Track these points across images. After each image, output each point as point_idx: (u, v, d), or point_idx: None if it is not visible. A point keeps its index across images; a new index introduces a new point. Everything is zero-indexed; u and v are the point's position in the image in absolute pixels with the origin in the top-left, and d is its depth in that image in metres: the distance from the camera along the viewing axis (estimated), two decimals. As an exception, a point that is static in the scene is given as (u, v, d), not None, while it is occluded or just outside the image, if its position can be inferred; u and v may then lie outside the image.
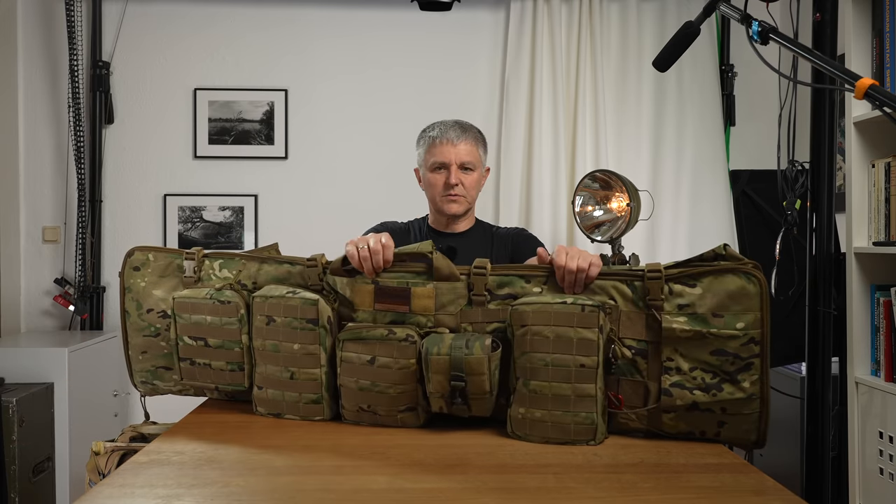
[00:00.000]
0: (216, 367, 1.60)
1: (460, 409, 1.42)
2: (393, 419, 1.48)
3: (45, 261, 3.28)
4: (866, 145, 2.04)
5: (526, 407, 1.38)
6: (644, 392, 1.40)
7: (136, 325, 1.71)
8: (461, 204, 2.03)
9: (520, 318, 1.39)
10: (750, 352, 1.33)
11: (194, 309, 1.59)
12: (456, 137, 2.01)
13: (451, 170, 2.00)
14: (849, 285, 2.03)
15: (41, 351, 2.73)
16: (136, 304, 1.70)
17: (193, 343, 1.61)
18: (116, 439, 1.63)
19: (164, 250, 1.72)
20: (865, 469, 2.00)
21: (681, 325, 1.35)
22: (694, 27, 1.43)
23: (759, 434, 1.36)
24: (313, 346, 1.50)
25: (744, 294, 1.33)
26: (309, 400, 1.52)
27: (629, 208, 2.51)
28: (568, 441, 1.36)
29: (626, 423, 1.41)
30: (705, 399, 1.35)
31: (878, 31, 2.01)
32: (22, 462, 2.48)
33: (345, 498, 1.10)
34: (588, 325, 1.34)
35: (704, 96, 3.30)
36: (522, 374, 1.39)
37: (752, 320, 1.33)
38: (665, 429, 1.39)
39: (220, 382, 1.61)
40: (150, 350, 1.71)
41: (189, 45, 3.33)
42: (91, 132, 3.25)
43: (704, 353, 1.35)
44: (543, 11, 3.25)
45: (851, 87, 1.07)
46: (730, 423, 1.36)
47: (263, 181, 3.34)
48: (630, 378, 1.40)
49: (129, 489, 1.11)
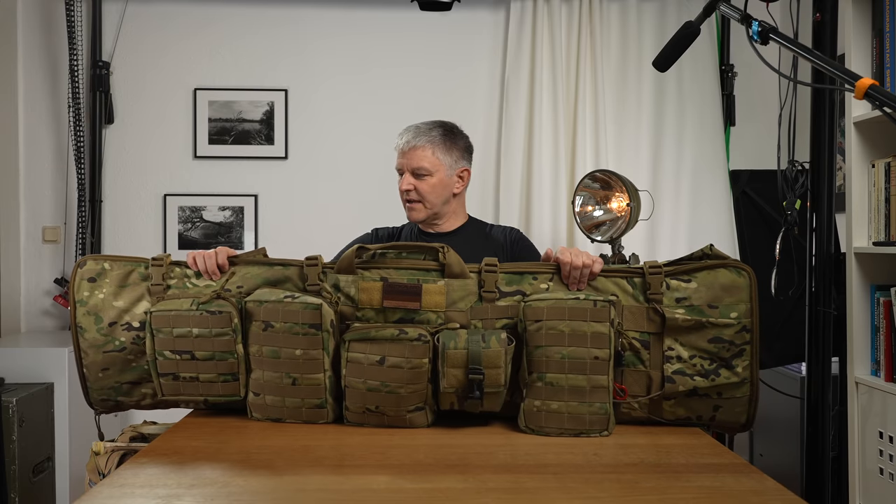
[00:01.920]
0: (205, 379, 1.52)
1: (473, 405, 1.43)
2: (401, 420, 1.47)
3: (45, 261, 3.28)
4: (866, 145, 2.04)
5: (542, 399, 1.43)
6: (647, 381, 1.48)
7: (95, 342, 1.59)
8: (419, 210, 2.02)
9: (534, 314, 1.45)
10: (743, 339, 1.46)
11: (176, 322, 1.50)
12: (407, 144, 2.00)
13: (403, 176, 2.01)
14: (849, 285, 2.03)
15: (41, 351, 2.73)
16: (95, 317, 1.59)
17: (177, 357, 1.52)
18: (116, 439, 1.63)
19: (121, 258, 1.63)
20: (865, 469, 2.00)
21: (682, 314, 1.47)
22: (694, 27, 1.43)
23: (748, 416, 1.47)
24: (316, 352, 1.48)
25: (735, 286, 1.47)
26: (312, 405, 1.50)
27: (629, 208, 2.51)
28: (583, 431, 1.40)
29: (629, 412, 1.48)
30: (704, 384, 1.46)
31: (878, 31, 2.01)
32: (22, 462, 2.48)
33: (345, 498, 1.10)
34: (601, 318, 1.42)
35: (704, 96, 3.30)
36: (537, 368, 1.44)
37: (744, 310, 1.47)
38: (665, 416, 1.47)
39: (210, 395, 1.54)
40: (112, 367, 1.60)
41: (189, 45, 3.32)
42: (91, 132, 3.25)
43: (703, 341, 1.47)
44: (543, 11, 3.25)
45: (851, 87, 1.07)
46: (724, 407, 1.47)
47: (263, 181, 3.34)
48: (633, 368, 1.48)
49: (129, 489, 1.11)
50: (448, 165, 2.02)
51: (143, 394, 1.62)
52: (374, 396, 1.45)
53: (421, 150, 1.99)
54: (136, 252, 3.27)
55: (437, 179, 2.00)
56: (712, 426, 1.48)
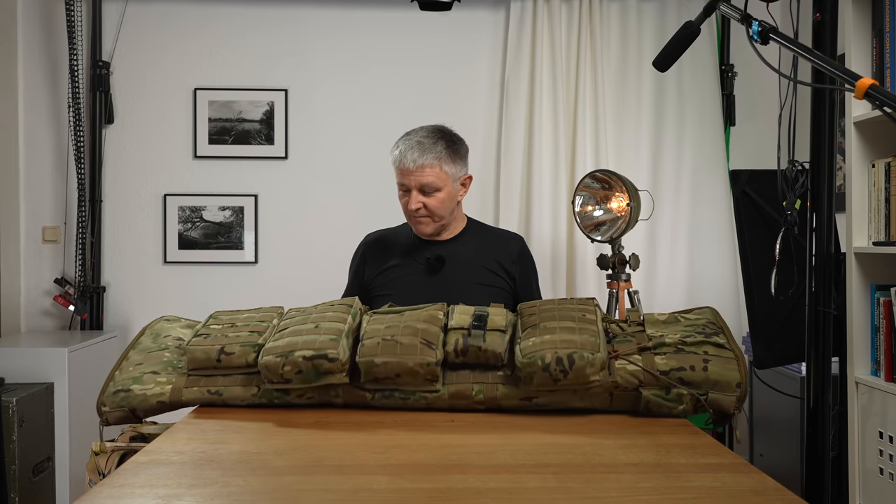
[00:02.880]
0: (233, 338, 1.52)
1: (477, 338, 1.46)
2: (412, 363, 1.43)
3: (45, 261, 3.28)
4: (866, 145, 2.04)
5: (536, 336, 1.46)
6: (636, 344, 1.52)
7: (146, 348, 1.63)
8: (428, 225, 2.01)
9: (529, 308, 1.57)
10: (714, 329, 1.55)
11: (230, 316, 1.63)
12: (413, 162, 1.94)
13: (411, 194, 1.97)
14: (849, 285, 2.03)
15: (41, 351, 2.73)
16: (154, 335, 1.67)
17: (219, 326, 1.57)
18: (116, 439, 1.62)
19: None
20: (865, 469, 2.00)
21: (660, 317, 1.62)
22: (694, 27, 1.43)
23: (741, 375, 1.45)
24: (344, 315, 1.53)
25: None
26: (328, 338, 1.45)
27: (629, 208, 2.51)
28: (574, 351, 1.41)
29: (623, 367, 1.48)
30: (692, 341, 1.51)
31: (878, 31, 2.01)
32: (22, 462, 2.48)
33: (345, 498, 1.10)
34: (587, 305, 1.55)
35: (704, 96, 3.30)
36: (531, 324, 1.51)
37: (711, 316, 1.60)
38: (659, 368, 1.47)
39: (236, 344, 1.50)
40: (146, 362, 1.58)
41: (189, 45, 3.33)
42: (91, 132, 3.25)
43: (681, 328, 1.57)
44: (543, 11, 3.25)
45: (851, 87, 1.07)
46: (713, 362, 1.47)
47: (263, 181, 3.34)
48: (625, 342, 1.53)
49: (129, 489, 1.11)
50: (454, 177, 2.00)
51: (157, 382, 1.53)
52: (388, 341, 1.45)
53: (429, 168, 1.95)
54: (137, 251, 3.29)
55: (446, 193, 1.98)
56: (707, 386, 1.44)
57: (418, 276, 2.01)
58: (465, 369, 1.49)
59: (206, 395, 1.50)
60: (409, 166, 1.94)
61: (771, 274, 2.02)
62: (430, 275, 2.01)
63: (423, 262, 2.02)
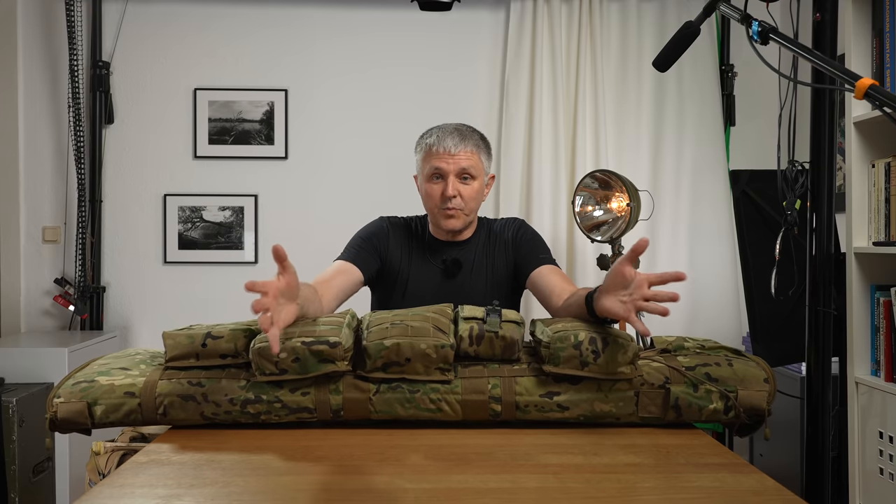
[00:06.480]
0: (222, 326, 1.42)
1: (493, 327, 1.39)
2: (425, 345, 1.35)
3: (45, 261, 3.28)
4: (866, 145, 2.04)
5: (566, 322, 1.45)
6: (657, 349, 1.51)
7: (113, 356, 1.52)
8: (459, 218, 1.88)
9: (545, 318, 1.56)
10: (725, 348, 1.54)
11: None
12: (454, 145, 1.84)
13: (448, 180, 1.85)
14: (849, 285, 2.03)
15: (41, 351, 2.73)
16: (121, 353, 1.55)
17: (203, 324, 1.49)
18: (116, 439, 1.62)
19: None
20: (865, 469, 2.00)
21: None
22: (694, 27, 1.43)
23: (766, 373, 1.43)
24: (341, 317, 1.44)
25: None
26: (327, 328, 1.37)
27: (629, 208, 2.51)
28: (608, 335, 1.39)
29: (647, 363, 1.43)
30: (710, 346, 1.51)
31: (878, 31, 2.01)
32: (22, 462, 2.48)
33: (345, 498, 1.10)
34: None
35: (704, 96, 3.30)
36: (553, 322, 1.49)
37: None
38: (684, 364, 1.44)
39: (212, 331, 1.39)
40: (115, 362, 1.47)
41: (189, 45, 3.33)
42: (91, 132, 3.25)
43: (692, 343, 1.54)
44: (543, 11, 3.25)
45: (851, 87, 1.07)
46: (736, 361, 1.46)
47: (263, 181, 3.34)
48: None
49: (129, 489, 1.11)
50: (486, 171, 1.94)
51: (125, 373, 1.42)
52: (397, 329, 1.38)
53: (470, 153, 1.87)
54: (137, 251, 3.29)
55: (479, 184, 1.90)
56: (734, 382, 1.40)
57: (435, 278, 1.94)
58: (478, 364, 1.41)
59: (186, 386, 1.36)
60: (451, 150, 1.85)
61: (771, 274, 2.02)
62: (446, 278, 1.94)
63: (439, 264, 1.94)
